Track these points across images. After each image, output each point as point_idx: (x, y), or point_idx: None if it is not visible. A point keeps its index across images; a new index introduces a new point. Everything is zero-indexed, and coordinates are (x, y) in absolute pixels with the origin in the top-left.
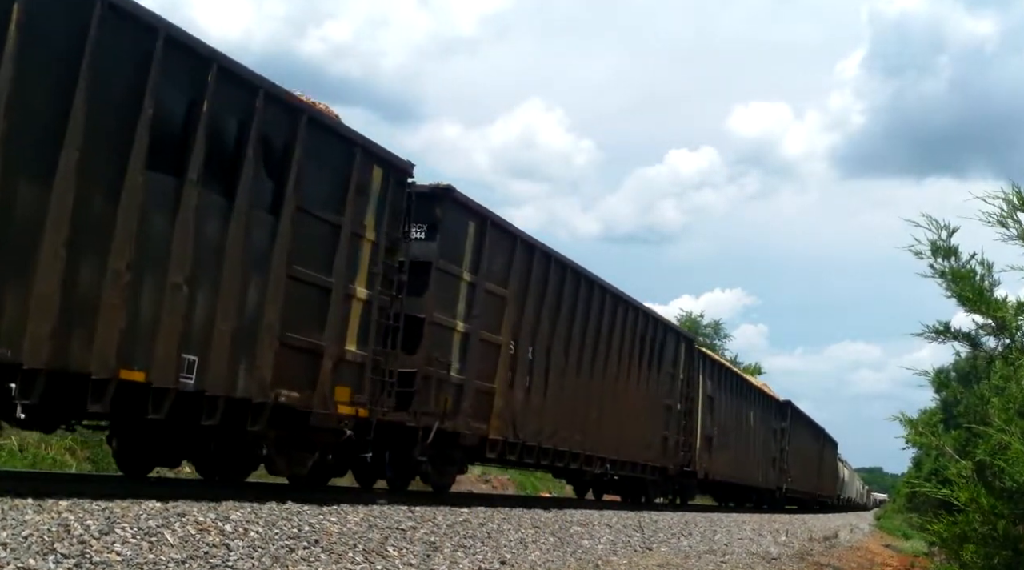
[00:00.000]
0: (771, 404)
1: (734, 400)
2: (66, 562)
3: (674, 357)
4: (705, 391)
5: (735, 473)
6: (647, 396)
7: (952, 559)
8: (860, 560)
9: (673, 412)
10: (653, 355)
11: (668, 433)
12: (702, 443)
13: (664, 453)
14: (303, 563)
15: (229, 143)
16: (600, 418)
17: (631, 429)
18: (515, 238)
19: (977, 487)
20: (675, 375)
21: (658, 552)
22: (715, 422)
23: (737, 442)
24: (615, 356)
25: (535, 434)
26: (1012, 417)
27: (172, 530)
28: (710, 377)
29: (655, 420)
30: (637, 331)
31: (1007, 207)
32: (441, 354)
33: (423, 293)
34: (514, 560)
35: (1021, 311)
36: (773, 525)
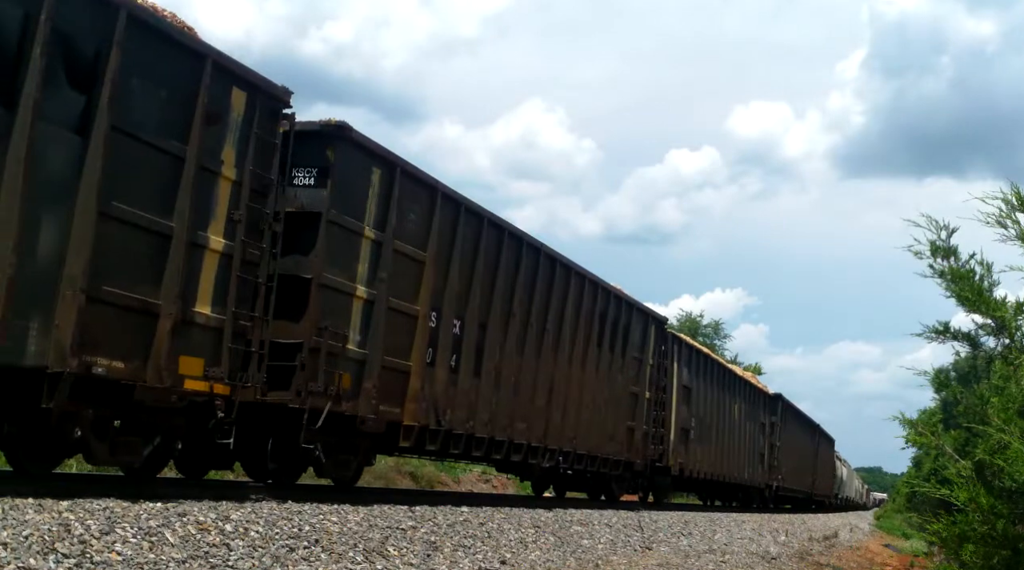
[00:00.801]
0: (759, 397)
1: (715, 391)
2: (66, 562)
3: (641, 340)
4: (680, 379)
5: (717, 469)
6: (609, 382)
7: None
8: (860, 560)
9: (641, 401)
10: (616, 337)
11: (635, 424)
12: (677, 436)
13: (630, 446)
14: (303, 563)
15: (8, 38)
16: (550, 405)
17: (589, 418)
18: (435, 191)
19: (976, 487)
20: (643, 360)
21: (658, 552)
22: (692, 414)
23: (719, 436)
24: (568, 335)
25: (464, 421)
26: (1011, 417)
27: (173, 530)
28: (686, 364)
29: (619, 409)
30: (596, 309)
31: (1006, 207)
32: (335, 323)
33: (310, 250)
34: (514, 560)
35: (1020, 311)
36: (773, 525)
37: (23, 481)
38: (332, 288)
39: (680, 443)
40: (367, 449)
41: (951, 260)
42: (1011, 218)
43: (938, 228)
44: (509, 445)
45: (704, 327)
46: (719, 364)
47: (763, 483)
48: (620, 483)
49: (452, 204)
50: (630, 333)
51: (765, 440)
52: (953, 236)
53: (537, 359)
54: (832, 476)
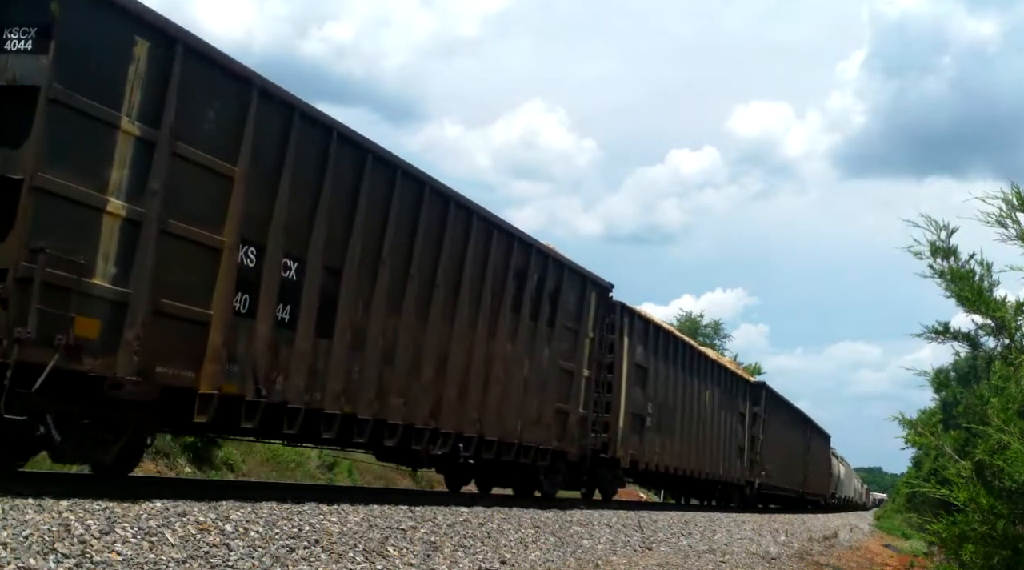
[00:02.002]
0: (739, 384)
1: (680, 374)
2: (66, 562)
3: (577, 308)
4: (632, 358)
5: (683, 463)
6: (530, 356)
7: (951, 559)
8: (860, 560)
9: (577, 380)
10: (541, 302)
11: (568, 407)
12: (628, 423)
13: (563, 433)
14: (303, 563)
15: None
16: (443, 379)
17: (502, 398)
18: (249, 85)
19: (976, 487)
20: (579, 332)
21: (658, 552)
22: (649, 398)
23: (686, 426)
24: (469, 295)
25: (304, 392)
26: (1011, 417)
27: (173, 530)
28: (641, 341)
29: (545, 388)
30: (512, 265)
31: (1006, 207)
32: (68, 246)
33: (22, 140)
34: (514, 560)
35: (1020, 311)
36: (773, 525)
37: (23, 481)
38: (62, 197)
39: (632, 431)
40: (139, 425)
41: (951, 260)
42: (1011, 218)
43: (938, 228)
44: (377, 426)
45: (704, 327)
46: (686, 344)
47: (743, 480)
48: (552, 476)
49: (279, 107)
50: (560, 298)
51: (745, 432)
52: (953, 236)
53: (422, 321)
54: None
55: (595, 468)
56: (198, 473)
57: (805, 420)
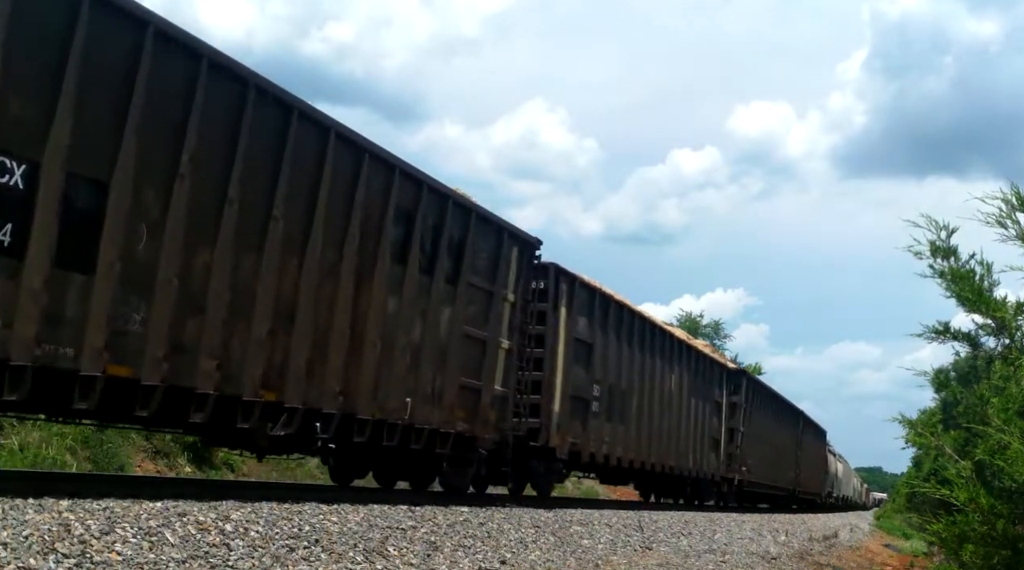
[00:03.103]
0: (714, 369)
1: (638, 353)
2: (66, 562)
3: (491, 266)
4: (572, 331)
5: (641, 455)
6: (423, 317)
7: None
8: (860, 560)
9: (493, 352)
10: (438, 253)
11: (481, 384)
12: (566, 407)
13: (473, 415)
14: (303, 563)
15: None
16: (285, 338)
17: (378, 365)
18: None
19: (976, 487)
20: (495, 294)
21: (658, 551)
22: (595, 379)
23: (645, 413)
24: (330, 235)
25: (34, 345)
26: (1011, 417)
27: (173, 530)
28: (584, 312)
29: (447, 360)
30: (393, 204)
31: (1006, 207)
32: None
33: None
34: (514, 560)
35: (1020, 311)
36: (773, 525)
37: (23, 481)
38: None
39: (573, 417)
40: None
41: (951, 260)
42: (1011, 218)
43: (938, 228)
44: (173, 394)
45: (704, 327)
46: (644, 320)
47: (719, 475)
48: (460, 468)
49: None
50: (466, 252)
51: (722, 424)
52: (953, 236)
53: (251, 260)
54: (823, 472)
55: (524, 459)
56: (198, 473)
57: (796, 413)
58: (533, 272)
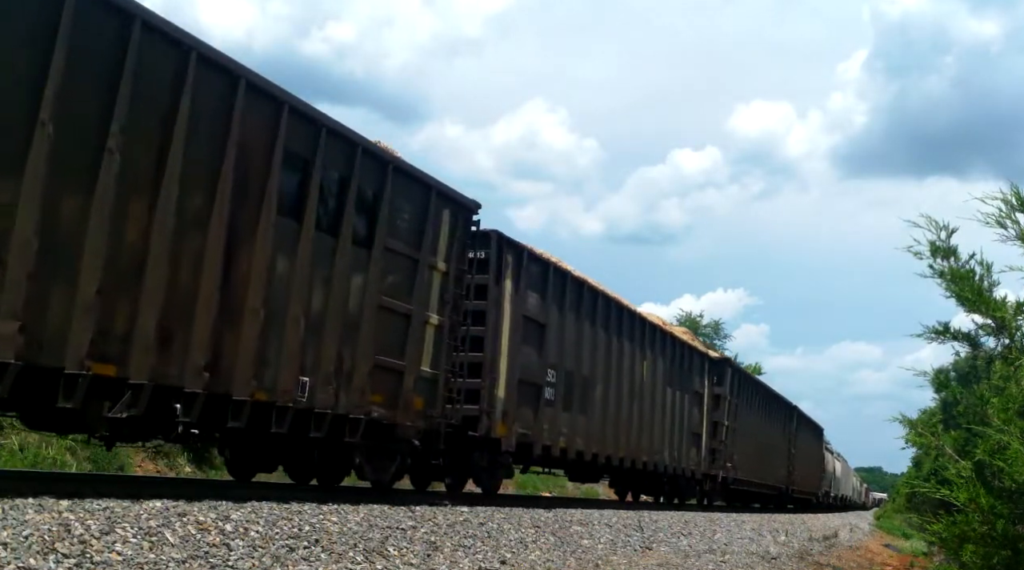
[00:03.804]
0: (694, 358)
1: (603, 336)
2: (67, 562)
3: (417, 229)
4: (520, 308)
5: (606, 449)
6: (327, 284)
7: (951, 559)
8: (860, 560)
9: (418, 328)
10: (345, 209)
11: (404, 364)
12: (513, 393)
13: (394, 399)
14: (303, 563)
15: None
16: (128, 300)
17: (268, 340)
18: None
19: (976, 487)
20: (423, 262)
21: (658, 551)
22: (549, 363)
23: (612, 403)
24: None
25: None
26: (1011, 417)
27: (173, 530)
28: (536, 288)
29: (358, 334)
30: (281, 147)
31: (1006, 208)
32: None
33: None
34: (514, 560)
35: (1020, 311)
36: (773, 525)
37: (23, 481)
38: None
39: (522, 405)
40: None
41: (951, 260)
42: (1011, 218)
43: (938, 228)
44: None
45: (704, 327)
46: (609, 300)
47: (700, 472)
48: (378, 460)
49: None
50: (382, 211)
51: (704, 417)
52: (953, 236)
53: (76, 201)
54: (819, 471)
55: (463, 451)
56: (198, 473)
57: (789, 408)
58: (471, 240)
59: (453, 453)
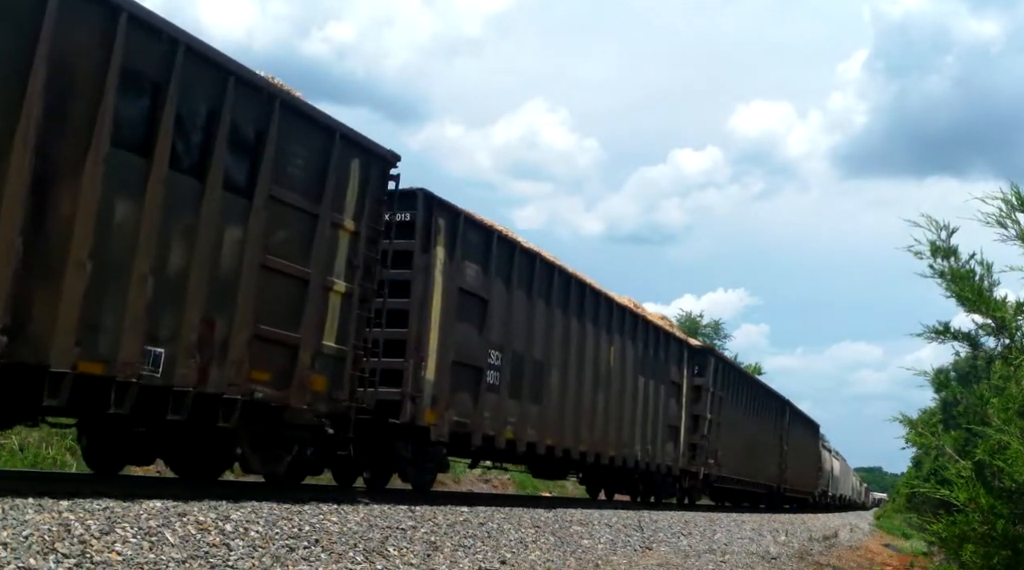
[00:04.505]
0: (671, 345)
1: (560, 316)
2: (66, 562)
3: (317, 180)
4: (456, 279)
5: (564, 441)
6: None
7: (951, 559)
8: (860, 560)
9: (319, 296)
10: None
11: (300, 337)
12: (447, 376)
13: (286, 378)
14: (303, 563)
15: None
16: None
17: (101, 300)
18: None
19: (976, 487)
20: (324, 219)
21: (658, 551)
22: (493, 343)
23: (572, 391)
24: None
25: None
26: (1011, 417)
27: (173, 530)
28: (476, 259)
29: (236, 299)
30: (122, 64)
31: (1006, 208)
32: None
33: None
34: (514, 560)
35: (1020, 311)
36: (773, 525)
37: (23, 481)
38: None
39: (457, 389)
40: None
41: (951, 260)
42: (1011, 218)
43: (938, 228)
44: None
45: (704, 327)
46: (566, 275)
47: (678, 468)
48: (268, 448)
49: None
50: (266, 153)
51: (683, 409)
52: (953, 236)
53: None
54: (815, 469)
55: (385, 442)
56: None
57: (781, 403)
58: (392, 199)
59: (372, 443)
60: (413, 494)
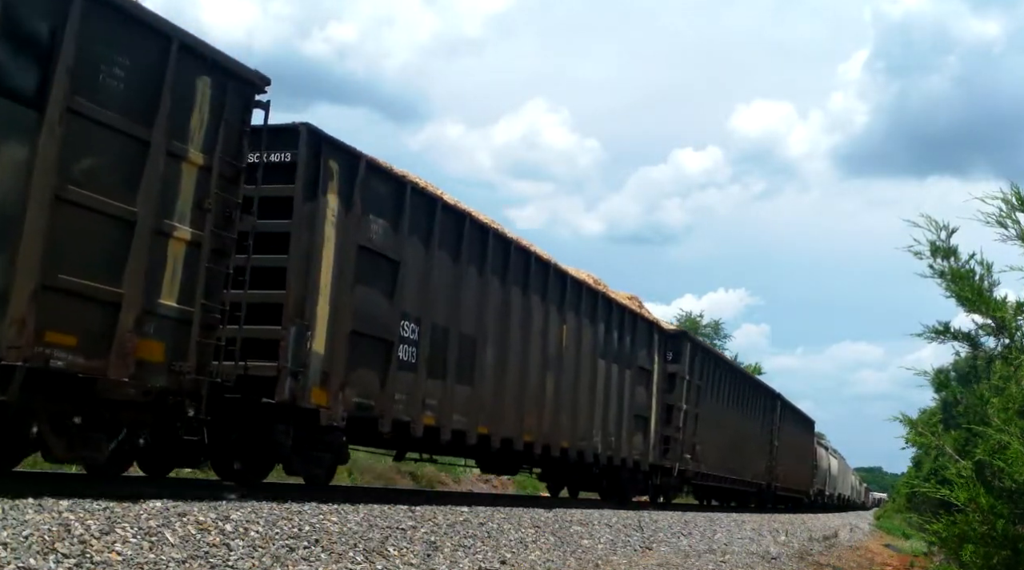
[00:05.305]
0: (639, 327)
1: (498, 287)
2: (67, 562)
3: (148, 98)
4: (353, 234)
5: (505, 429)
6: None
7: (951, 559)
8: (860, 560)
9: (155, 243)
10: None
11: (127, 294)
12: (340, 348)
13: (100, 343)
14: (303, 563)
15: None
16: None
17: None
18: None
19: (976, 487)
20: (157, 146)
21: (658, 552)
22: (405, 312)
23: (513, 373)
24: None
25: None
26: (1011, 417)
27: (173, 530)
28: (385, 212)
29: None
30: None
31: (1006, 208)
32: None
33: None
34: (514, 560)
35: (1020, 311)
36: (773, 525)
37: (23, 481)
38: None
39: (358, 364)
40: None
41: (951, 260)
42: (1011, 218)
43: (938, 228)
44: None
45: (704, 327)
46: (504, 239)
47: (647, 463)
48: (72, 428)
49: None
50: (63, 55)
51: (653, 398)
52: (953, 236)
53: None
54: (810, 467)
55: (261, 426)
56: (198, 473)
57: (772, 396)
58: (267, 135)
59: (242, 428)
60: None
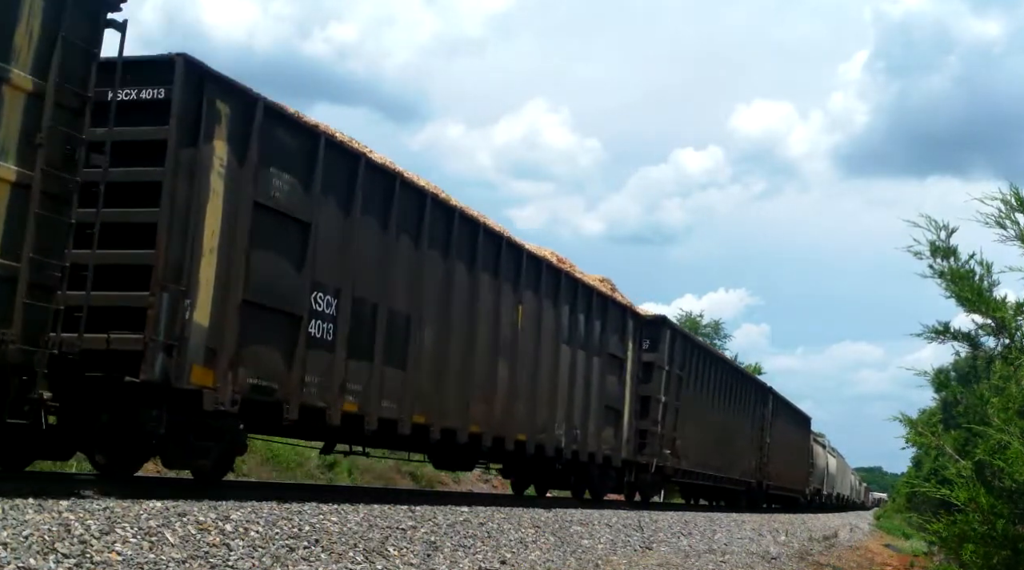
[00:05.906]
0: (609, 311)
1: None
2: (66, 562)
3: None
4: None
5: (447, 418)
6: None
7: (951, 559)
8: (860, 560)
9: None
10: None
11: None
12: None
13: None
14: (303, 563)
15: None
16: None
17: None
18: None
19: (976, 487)
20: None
21: (658, 551)
22: (317, 281)
23: (457, 356)
24: None
25: None
26: (1011, 417)
27: (172, 530)
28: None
29: None
30: None
31: (1005, 208)
32: None
33: None
34: (514, 560)
35: (1020, 311)
36: (773, 525)
37: (23, 481)
38: None
39: (254, 340)
40: None
41: (951, 260)
42: (1010, 218)
43: (938, 228)
44: None
45: (704, 326)
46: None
47: (619, 458)
48: None
49: None
50: None
51: (626, 388)
52: (953, 236)
53: None
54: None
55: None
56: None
57: (763, 390)
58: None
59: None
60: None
